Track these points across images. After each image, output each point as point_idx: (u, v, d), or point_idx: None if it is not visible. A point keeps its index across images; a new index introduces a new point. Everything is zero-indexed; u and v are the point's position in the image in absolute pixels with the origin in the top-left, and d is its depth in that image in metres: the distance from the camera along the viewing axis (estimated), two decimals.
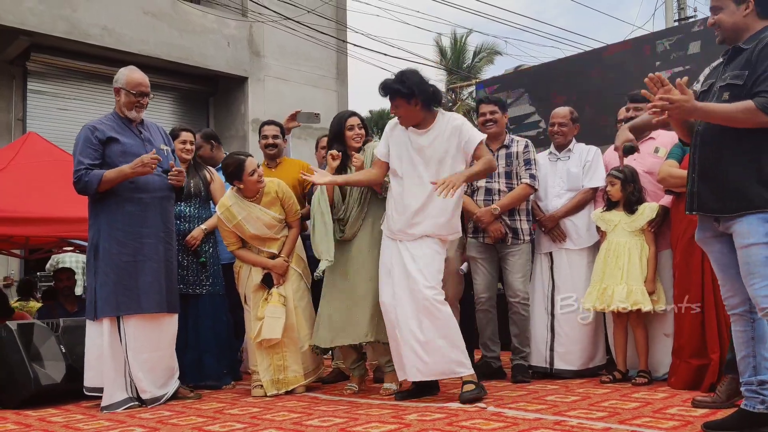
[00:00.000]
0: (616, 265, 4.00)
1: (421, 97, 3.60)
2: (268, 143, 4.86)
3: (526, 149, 4.37)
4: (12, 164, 5.30)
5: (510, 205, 4.28)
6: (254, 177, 4.05)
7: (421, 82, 3.63)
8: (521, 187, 4.30)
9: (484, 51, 21.50)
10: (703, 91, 2.77)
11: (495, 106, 4.44)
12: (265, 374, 4.04)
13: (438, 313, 3.55)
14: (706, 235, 2.73)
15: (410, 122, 3.70)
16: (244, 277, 4.21)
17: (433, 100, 3.68)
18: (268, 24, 10.49)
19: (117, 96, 3.94)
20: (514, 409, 3.23)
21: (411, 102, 3.61)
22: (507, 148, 4.39)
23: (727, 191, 2.57)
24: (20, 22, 8.34)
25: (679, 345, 3.75)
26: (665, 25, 12.61)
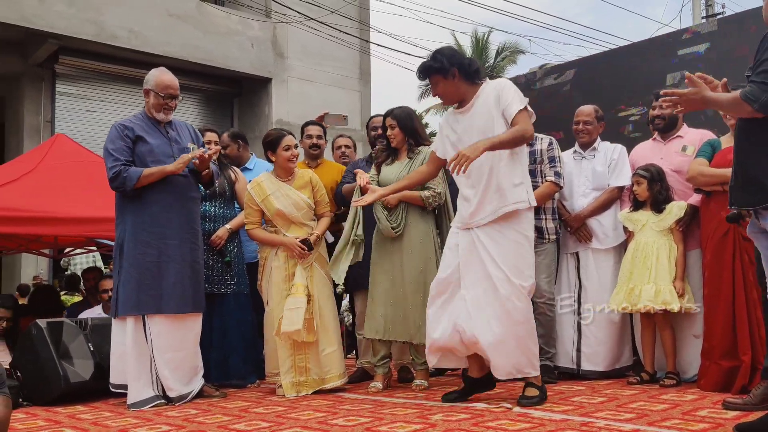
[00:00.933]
0: (644, 265, 3.95)
1: (457, 68, 3.44)
2: (313, 143, 4.90)
3: (550, 146, 4.33)
4: (41, 165, 5.39)
5: (536, 204, 4.23)
6: (287, 153, 4.10)
7: (453, 54, 3.49)
8: (546, 185, 4.26)
9: (507, 50, 21.39)
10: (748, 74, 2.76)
11: None
12: (286, 376, 4.00)
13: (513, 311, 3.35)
14: (754, 230, 2.68)
15: (452, 99, 3.56)
16: (267, 271, 4.16)
17: (470, 70, 3.48)
18: (291, 25, 10.54)
19: (146, 97, 3.99)
20: (540, 410, 3.20)
21: (447, 76, 3.46)
22: (530, 146, 4.34)
23: (751, 184, 2.54)
24: (49, 26, 8.48)
25: (710, 346, 3.68)
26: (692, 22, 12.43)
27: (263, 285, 4.21)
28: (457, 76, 3.46)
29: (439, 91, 3.54)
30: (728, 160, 3.58)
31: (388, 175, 4.11)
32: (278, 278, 4.09)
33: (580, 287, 4.34)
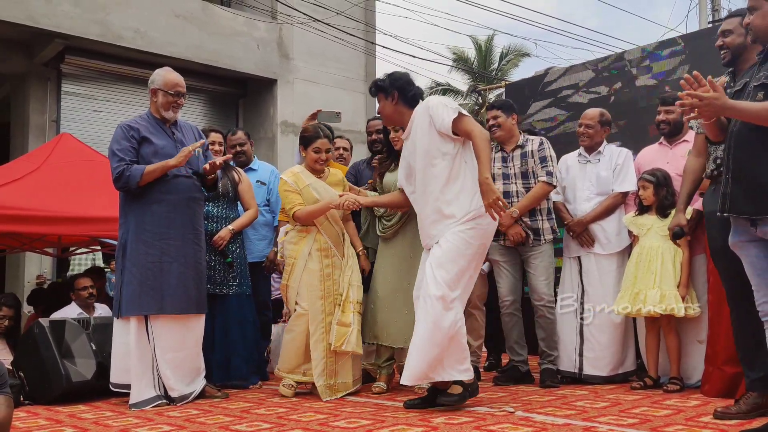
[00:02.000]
0: (649, 270, 3.93)
1: (397, 91, 3.58)
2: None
3: (541, 146, 4.32)
4: (45, 164, 5.40)
5: (529, 206, 4.23)
6: (316, 155, 4.04)
7: (399, 78, 3.63)
8: (539, 186, 4.25)
9: (512, 53, 21.36)
10: (737, 90, 2.74)
11: (498, 110, 4.40)
12: (319, 378, 3.87)
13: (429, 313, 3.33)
14: (741, 239, 2.67)
15: (391, 120, 3.73)
16: (298, 271, 3.99)
17: (408, 95, 3.59)
18: (297, 26, 10.54)
19: (154, 97, 3.99)
20: (542, 414, 3.19)
21: (388, 97, 3.61)
22: (522, 148, 4.35)
23: (761, 192, 2.51)
24: (55, 25, 8.50)
25: (714, 352, 3.66)
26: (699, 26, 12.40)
27: (290, 286, 4.03)
28: (396, 99, 3.60)
29: (379, 109, 3.75)
30: None
31: (392, 180, 4.11)
32: (313, 279, 3.98)
33: (582, 292, 4.32)
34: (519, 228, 4.22)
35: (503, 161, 4.36)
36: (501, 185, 4.29)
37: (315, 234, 4.02)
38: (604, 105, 5.26)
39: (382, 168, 4.24)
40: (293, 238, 4.07)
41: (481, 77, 20.51)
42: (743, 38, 3.07)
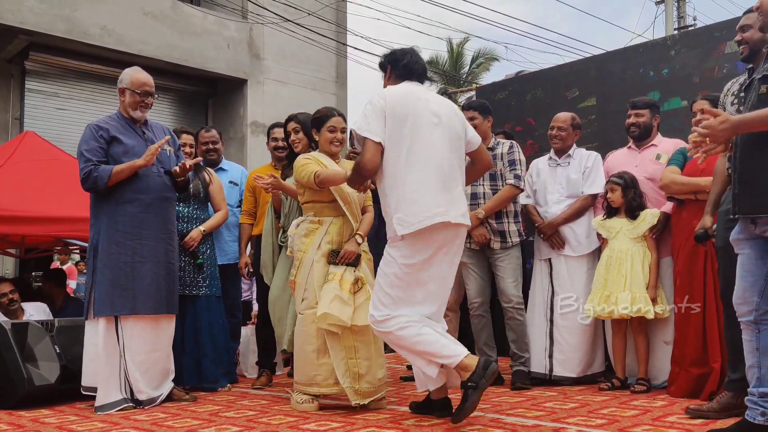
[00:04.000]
0: (619, 272, 3.98)
1: (390, 65, 3.36)
2: (278, 146, 4.74)
3: (510, 150, 4.34)
4: (8, 163, 5.27)
5: (495, 208, 4.24)
6: (332, 135, 3.73)
7: (393, 51, 3.38)
8: (506, 188, 4.26)
9: (482, 57, 21.51)
10: (746, 86, 2.76)
11: (475, 111, 4.37)
12: (344, 380, 3.47)
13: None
14: (740, 237, 2.68)
15: None
16: (306, 267, 3.64)
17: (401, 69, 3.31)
18: (268, 26, 10.48)
19: (122, 96, 3.93)
20: (512, 416, 3.20)
21: (385, 74, 3.41)
22: (492, 151, 4.36)
23: (761, 192, 2.52)
24: (19, 21, 8.32)
25: (680, 353, 3.72)
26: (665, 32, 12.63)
27: (298, 282, 3.69)
28: (389, 75, 3.38)
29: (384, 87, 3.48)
30: (699, 169, 3.63)
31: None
32: (321, 274, 3.62)
33: (552, 294, 4.36)
34: (483, 230, 4.24)
35: None
36: (469, 187, 4.30)
37: (328, 226, 3.67)
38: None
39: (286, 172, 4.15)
40: (304, 230, 3.71)
41: (452, 80, 20.61)
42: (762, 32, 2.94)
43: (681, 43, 5.19)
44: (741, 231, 2.68)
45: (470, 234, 4.24)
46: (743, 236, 2.66)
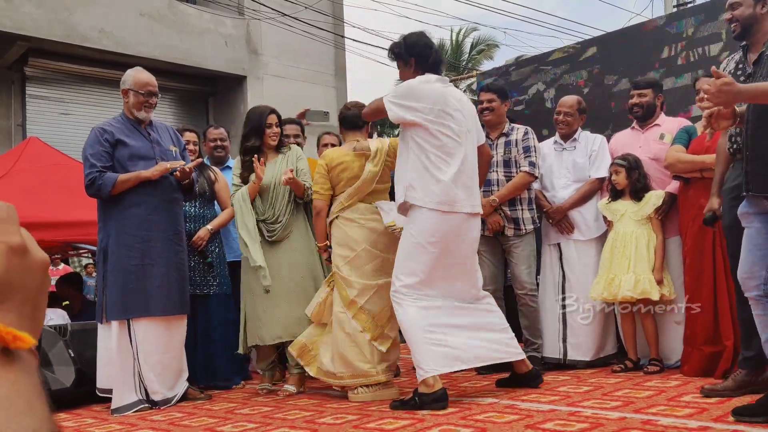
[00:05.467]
0: (623, 255, 3.98)
1: (415, 59, 3.40)
2: (290, 143, 4.71)
3: (525, 136, 4.32)
4: (14, 170, 5.29)
5: (509, 195, 4.23)
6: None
7: (415, 43, 3.41)
8: (520, 175, 4.25)
9: (482, 44, 21.39)
10: (755, 61, 2.74)
11: (494, 94, 4.37)
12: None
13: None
14: (750, 211, 2.65)
15: None
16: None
17: (427, 63, 3.41)
18: (265, 22, 10.45)
19: (125, 98, 3.93)
20: (527, 401, 3.21)
21: (406, 65, 3.45)
22: (506, 137, 4.35)
23: None
24: (17, 27, 8.31)
25: (692, 332, 3.72)
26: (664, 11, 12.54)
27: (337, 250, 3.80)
28: (413, 66, 3.42)
29: (399, 76, 3.58)
30: (704, 146, 3.62)
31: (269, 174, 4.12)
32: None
33: (563, 278, 4.36)
34: (497, 216, 4.23)
35: None
36: None
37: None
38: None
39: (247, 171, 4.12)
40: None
41: (453, 67, 20.54)
42: (752, 9, 2.95)
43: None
44: (751, 205, 2.65)
45: (484, 221, 4.24)
46: (753, 210, 2.64)
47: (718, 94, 2.46)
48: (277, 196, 4.09)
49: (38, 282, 0.60)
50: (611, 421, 2.67)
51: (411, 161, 3.34)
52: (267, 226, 4.07)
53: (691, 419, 2.64)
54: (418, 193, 3.30)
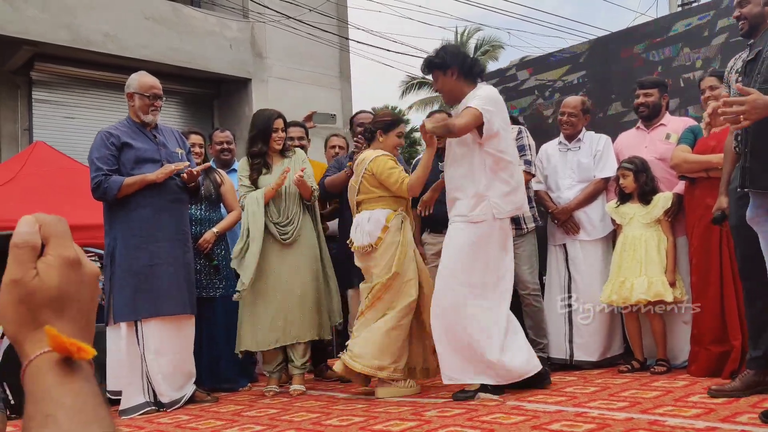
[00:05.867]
0: (634, 258, 3.96)
1: (457, 66, 3.48)
2: (294, 145, 4.67)
3: (519, 135, 4.32)
4: (21, 174, 5.32)
5: None
6: (399, 140, 3.97)
7: (456, 53, 3.53)
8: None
9: (487, 45, 21.39)
10: (750, 60, 2.70)
11: None
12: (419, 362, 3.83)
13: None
14: (759, 212, 2.62)
15: (451, 97, 3.60)
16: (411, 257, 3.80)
17: (471, 71, 3.53)
18: (269, 24, 10.47)
19: (131, 101, 3.95)
20: (533, 402, 3.21)
21: (447, 73, 3.51)
22: None
23: None
24: (23, 32, 8.35)
25: (699, 332, 3.71)
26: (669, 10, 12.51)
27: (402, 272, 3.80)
28: (456, 75, 3.49)
29: (438, 87, 3.60)
30: (710, 146, 3.61)
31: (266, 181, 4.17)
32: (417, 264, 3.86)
33: (569, 279, 4.35)
34: None
35: None
36: None
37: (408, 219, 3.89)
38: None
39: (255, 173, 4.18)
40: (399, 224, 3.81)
41: None
42: (760, 7, 2.94)
43: None
44: (758, 208, 2.62)
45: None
46: (762, 211, 2.61)
47: (753, 111, 2.43)
48: (289, 199, 4.15)
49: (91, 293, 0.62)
50: (618, 422, 2.66)
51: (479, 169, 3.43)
52: (280, 229, 4.10)
53: (698, 420, 2.63)
54: (495, 201, 3.42)
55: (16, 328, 0.59)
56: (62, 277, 0.59)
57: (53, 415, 0.55)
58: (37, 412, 0.55)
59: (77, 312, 0.60)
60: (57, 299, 0.59)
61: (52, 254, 0.60)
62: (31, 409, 0.56)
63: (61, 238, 0.61)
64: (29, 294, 0.58)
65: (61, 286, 0.59)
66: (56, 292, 0.59)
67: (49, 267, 0.59)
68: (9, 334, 0.59)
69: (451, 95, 3.58)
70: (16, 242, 0.59)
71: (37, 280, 0.59)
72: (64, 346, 0.57)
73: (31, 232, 0.60)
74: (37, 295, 0.58)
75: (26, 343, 0.58)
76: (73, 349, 0.57)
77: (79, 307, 0.61)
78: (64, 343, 0.57)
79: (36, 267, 0.59)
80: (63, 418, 0.55)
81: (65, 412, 0.55)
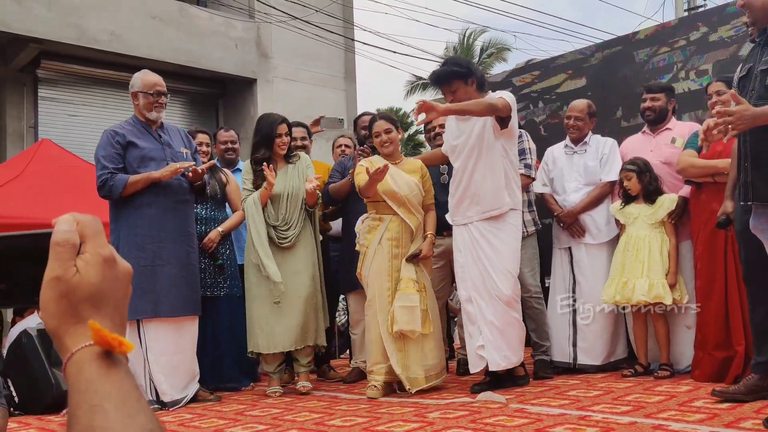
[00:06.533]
0: (637, 259, 3.96)
1: (477, 76, 3.69)
2: (297, 145, 4.67)
3: (519, 139, 4.32)
4: (26, 171, 5.34)
5: None
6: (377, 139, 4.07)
7: (471, 63, 3.75)
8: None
9: (492, 47, 21.37)
10: (742, 76, 2.69)
11: None
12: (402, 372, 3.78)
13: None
14: (761, 222, 2.62)
15: None
16: (368, 261, 3.92)
17: (483, 81, 3.76)
18: (275, 25, 10.49)
19: (135, 100, 3.96)
20: (537, 405, 3.21)
21: (468, 81, 3.68)
22: None
23: None
24: (29, 30, 8.38)
25: (703, 337, 3.70)
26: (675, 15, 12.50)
27: (362, 274, 3.98)
28: (475, 84, 3.69)
29: (458, 96, 3.68)
30: (717, 151, 3.60)
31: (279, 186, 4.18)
32: (381, 269, 3.87)
33: (574, 282, 4.34)
34: None
35: None
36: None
37: (388, 223, 3.91)
38: None
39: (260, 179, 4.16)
40: (366, 227, 4.00)
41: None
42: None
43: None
44: (761, 218, 2.62)
45: None
46: (765, 220, 2.61)
47: (741, 120, 2.42)
48: (290, 204, 4.14)
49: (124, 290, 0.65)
50: (622, 426, 2.66)
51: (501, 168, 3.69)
52: (279, 233, 4.11)
53: (702, 425, 2.63)
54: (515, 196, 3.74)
55: (57, 322, 0.61)
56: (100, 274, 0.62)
57: (100, 405, 0.57)
58: (83, 402, 0.57)
59: (113, 308, 0.62)
60: (95, 295, 0.61)
61: (90, 252, 0.62)
62: (76, 399, 0.58)
63: (97, 236, 0.63)
64: (70, 290, 0.61)
65: (99, 283, 0.61)
66: (95, 289, 0.61)
67: (88, 264, 0.61)
68: (49, 328, 0.61)
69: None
70: (57, 240, 0.61)
71: (78, 276, 0.61)
72: (107, 340, 0.59)
73: (71, 230, 0.62)
74: (78, 291, 0.61)
75: (66, 337, 0.60)
76: (115, 344, 0.59)
77: (115, 303, 0.63)
78: (107, 337, 0.59)
79: (76, 264, 0.61)
80: (110, 408, 0.57)
81: (112, 403, 0.57)
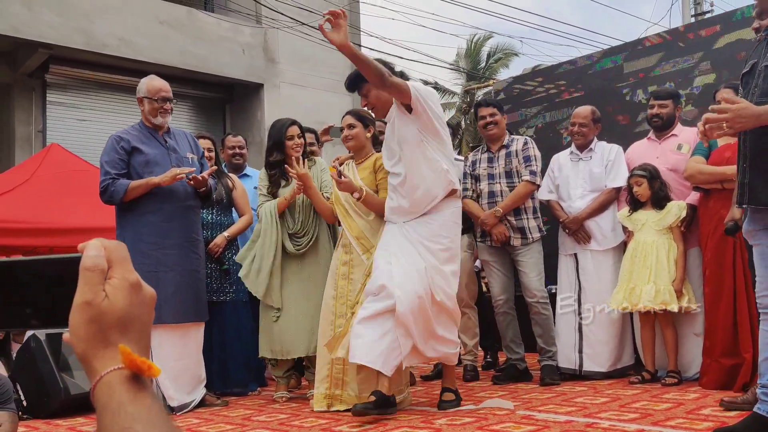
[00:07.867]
0: (644, 265, 3.95)
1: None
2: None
3: (525, 146, 4.34)
4: (35, 176, 5.37)
5: (513, 205, 4.25)
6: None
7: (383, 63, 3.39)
8: (522, 185, 4.26)
9: (500, 52, 21.37)
10: (746, 72, 2.68)
11: (494, 108, 4.43)
12: (319, 386, 3.61)
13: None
14: (756, 227, 2.61)
15: (384, 109, 3.47)
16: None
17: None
18: (282, 30, 10.52)
19: (141, 106, 3.98)
20: (544, 412, 3.20)
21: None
22: (506, 148, 4.38)
23: None
24: (39, 35, 8.44)
25: (711, 344, 3.69)
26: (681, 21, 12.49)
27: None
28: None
29: (371, 101, 3.48)
30: (725, 157, 3.59)
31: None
32: (330, 278, 3.79)
33: (579, 288, 4.34)
34: (503, 227, 4.25)
35: (489, 161, 4.40)
36: (486, 185, 4.33)
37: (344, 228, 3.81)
38: None
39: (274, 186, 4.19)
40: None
41: (471, 77, 20.54)
42: None
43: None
44: (755, 222, 2.59)
45: (490, 232, 4.26)
46: (759, 227, 2.58)
47: (737, 120, 2.40)
48: (304, 210, 4.13)
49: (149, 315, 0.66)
50: None
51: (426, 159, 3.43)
52: (294, 240, 4.10)
53: None
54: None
55: (86, 345, 0.62)
56: (127, 299, 0.63)
57: (132, 428, 0.58)
58: (115, 424, 0.58)
59: (138, 332, 0.64)
60: (123, 319, 0.63)
61: (117, 277, 0.64)
62: (108, 420, 0.59)
63: (124, 262, 0.65)
64: (100, 314, 0.62)
65: (126, 308, 0.63)
66: (123, 313, 0.63)
67: (116, 289, 0.63)
68: (78, 351, 0.63)
69: (384, 107, 3.48)
70: (87, 266, 0.63)
71: (107, 301, 0.62)
72: (137, 364, 0.61)
73: (99, 255, 0.64)
74: (107, 316, 0.62)
75: (95, 360, 0.62)
76: (144, 367, 0.61)
77: (140, 327, 0.64)
78: (136, 361, 0.61)
79: (104, 289, 0.63)
80: (141, 430, 0.58)
81: (143, 426, 0.58)
